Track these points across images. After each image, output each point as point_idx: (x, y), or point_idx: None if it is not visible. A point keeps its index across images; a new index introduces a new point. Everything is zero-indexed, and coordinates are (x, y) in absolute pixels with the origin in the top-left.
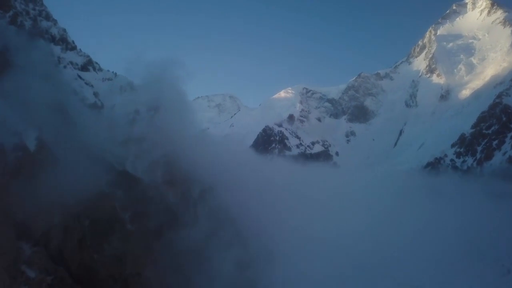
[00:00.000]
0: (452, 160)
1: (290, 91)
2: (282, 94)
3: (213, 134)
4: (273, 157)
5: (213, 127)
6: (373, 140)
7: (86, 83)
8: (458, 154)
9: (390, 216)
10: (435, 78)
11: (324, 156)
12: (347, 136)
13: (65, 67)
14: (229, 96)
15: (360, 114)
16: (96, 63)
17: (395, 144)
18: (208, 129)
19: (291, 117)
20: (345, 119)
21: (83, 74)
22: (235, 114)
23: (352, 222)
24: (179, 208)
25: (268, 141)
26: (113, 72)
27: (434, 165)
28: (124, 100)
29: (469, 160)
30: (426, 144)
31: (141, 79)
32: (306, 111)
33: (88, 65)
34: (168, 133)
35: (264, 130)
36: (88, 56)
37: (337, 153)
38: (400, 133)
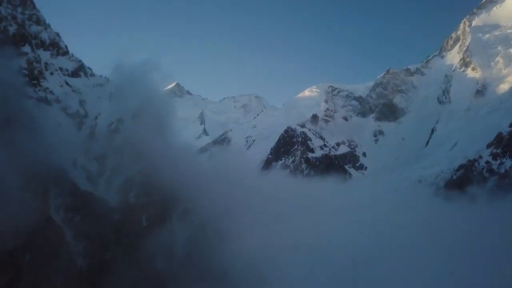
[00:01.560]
0: (487, 162)
1: (315, 89)
2: (307, 93)
3: (235, 135)
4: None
5: (237, 128)
6: (403, 139)
7: (73, 90)
8: (495, 156)
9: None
10: (470, 72)
11: (350, 157)
12: (375, 135)
13: (52, 73)
14: (255, 96)
15: (389, 112)
16: (89, 68)
17: (427, 143)
18: (231, 131)
19: (314, 117)
20: (373, 117)
21: (73, 80)
22: (257, 115)
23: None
24: (153, 233)
25: (290, 143)
26: (105, 77)
27: (467, 168)
28: (110, 108)
29: (507, 162)
30: (459, 144)
31: (115, 85)
32: (331, 110)
33: (79, 70)
34: (148, 145)
35: (286, 131)
36: (80, 61)
37: (364, 154)
38: (432, 131)
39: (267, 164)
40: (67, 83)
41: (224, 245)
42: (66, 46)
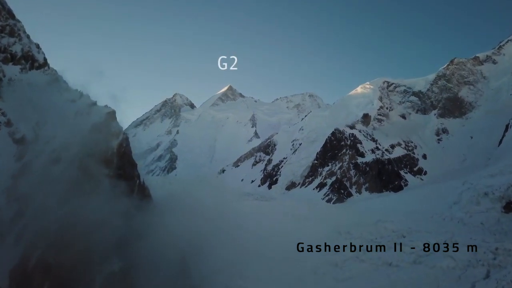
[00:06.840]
0: None
1: (368, 86)
2: (359, 90)
3: (281, 139)
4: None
5: (283, 131)
6: (471, 138)
7: (34, 109)
8: None
9: None
10: None
11: (407, 160)
12: (437, 134)
13: (14, 91)
14: (309, 95)
15: (454, 107)
16: (65, 81)
17: (500, 142)
18: (277, 134)
19: (366, 117)
20: (435, 114)
21: (40, 97)
22: (305, 116)
23: None
24: None
25: (337, 147)
26: (79, 91)
27: None
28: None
29: None
30: None
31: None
32: (386, 108)
33: (51, 85)
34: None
35: (333, 133)
36: (55, 74)
37: (424, 156)
38: (507, 128)
39: (313, 170)
40: (30, 102)
41: None
42: (44, 58)
